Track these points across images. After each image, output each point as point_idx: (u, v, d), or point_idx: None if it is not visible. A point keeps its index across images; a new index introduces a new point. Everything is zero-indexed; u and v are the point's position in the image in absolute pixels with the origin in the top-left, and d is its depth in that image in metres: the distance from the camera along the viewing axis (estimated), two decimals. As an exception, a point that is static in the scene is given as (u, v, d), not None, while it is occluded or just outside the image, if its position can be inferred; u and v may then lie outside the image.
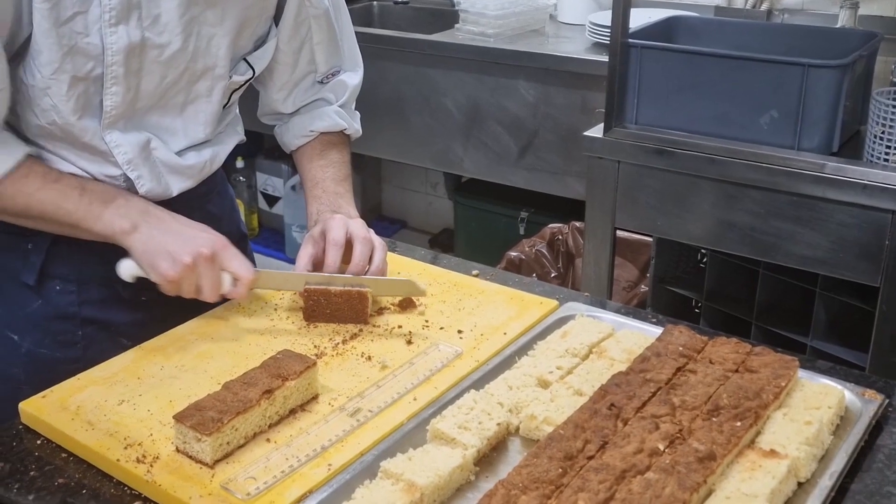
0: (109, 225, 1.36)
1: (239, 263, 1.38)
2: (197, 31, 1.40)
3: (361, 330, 1.43)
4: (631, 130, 2.28)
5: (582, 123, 2.65)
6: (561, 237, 2.98)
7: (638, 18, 2.45)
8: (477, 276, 1.61)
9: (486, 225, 3.50)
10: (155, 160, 1.45)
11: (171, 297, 1.38)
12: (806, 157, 2.07)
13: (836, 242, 2.05)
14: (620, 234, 2.51)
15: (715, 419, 1.12)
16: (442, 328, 1.43)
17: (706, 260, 2.40)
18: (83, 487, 1.12)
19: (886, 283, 2.01)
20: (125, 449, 1.15)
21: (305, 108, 1.69)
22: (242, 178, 4.08)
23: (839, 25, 2.50)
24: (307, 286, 1.43)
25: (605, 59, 2.43)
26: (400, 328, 1.43)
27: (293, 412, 1.22)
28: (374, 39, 3.16)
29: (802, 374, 1.25)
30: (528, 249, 2.98)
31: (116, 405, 1.23)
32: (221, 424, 1.12)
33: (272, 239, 4.15)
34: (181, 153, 1.49)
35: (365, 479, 1.08)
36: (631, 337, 1.35)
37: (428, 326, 1.43)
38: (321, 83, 1.67)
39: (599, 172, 2.33)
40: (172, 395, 1.25)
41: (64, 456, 1.18)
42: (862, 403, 1.20)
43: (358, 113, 1.73)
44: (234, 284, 1.39)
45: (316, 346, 1.38)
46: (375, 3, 3.82)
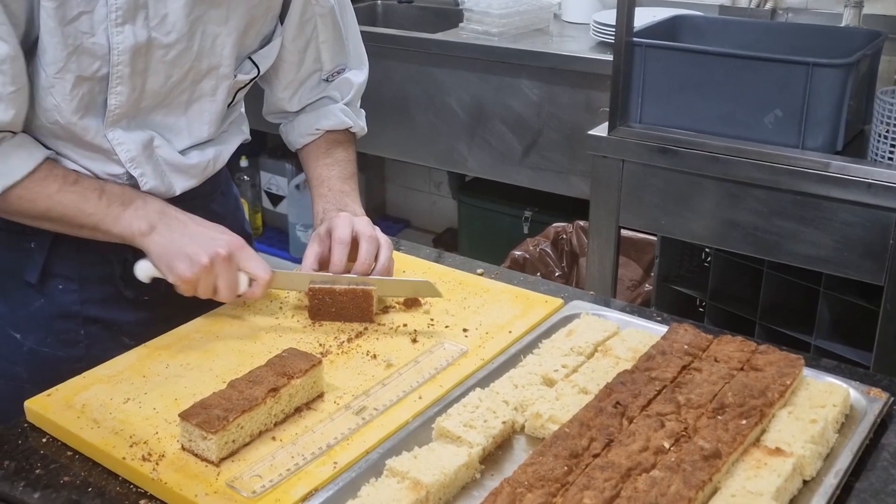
0: (128, 226, 1.37)
1: (256, 264, 1.39)
2: (202, 30, 1.40)
3: (367, 328, 1.43)
4: (635, 129, 2.28)
5: (586, 122, 2.65)
6: (565, 236, 2.98)
7: (642, 17, 2.45)
8: (482, 274, 1.61)
9: (489, 224, 3.50)
10: (158, 158, 1.45)
11: (173, 296, 1.38)
12: (810, 156, 2.07)
13: (840, 241, 2.05)
14: (625, 233, 2.51)
15: (720, 417, 1.12)
16: (447, 327, 1.43)
17: (710, 259, 2.40)
18: (89, 485, 1.12)
19: (890, 281, 2.00)
20: (131, 447, 1.15)
21: (311, 106, 1.68)
22: (246, 177, 4.08)
23: (843, 24, 2.50)
24: (312, 285, 1.43)
25: (609, 58, 2.42)
26: (405, 326, 1.43)
27: (298, 410, 1.22)
28: (378, 38, 3.16)
29: (807, 372, 1.25)
30: (532, 249, 2.98)
31: (122, 403, 1.24)
32: (227, 422, 1.12)
33: (276, 238, 4.15)
34: (185, 152, 1.49)
35: (370, 477, 1.08)
36: (636, 335, 1.35)
37: (433, 325, 1.43)
38: (326, 81, 1.67)
39: (604, 171, 2.33)
40: (178, 393, 1.26)
41: (69, 454, 1.18)
42: (867, 402, 1.20)
43: (363, 111, 1.73)
44: (250, 285, 1.39)
45: (321, 344, 1.38)
46: (380, 2, 3.82)
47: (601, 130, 2.32)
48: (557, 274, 2.95)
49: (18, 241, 1.45)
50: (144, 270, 1.39)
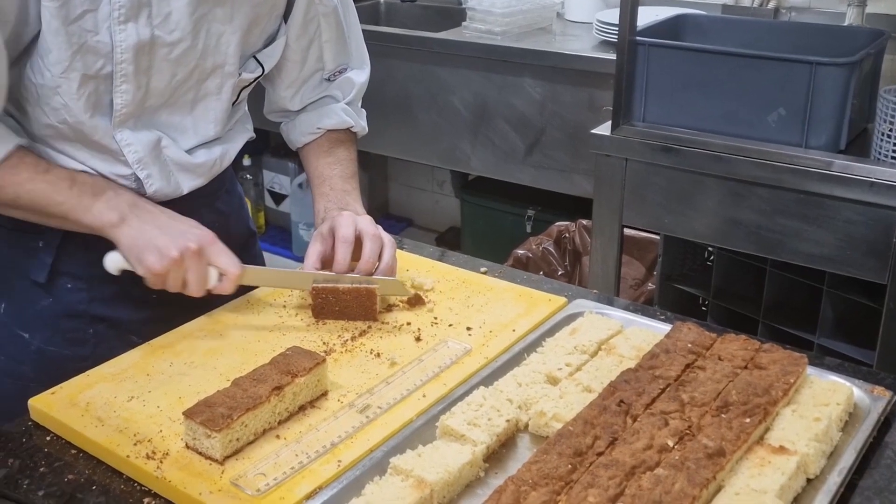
0: (98, 217, 1.36)
1: (226, 259, 1.39)
2: (206, 28, 1.40)
3: (370, 327, 1.43)
4: (638, 128, 2.28)
5: (589, 121, 2.65)
6: (568, 235, 2.98)
7: (645, 16, 2.45)
8: (485, 273, 1.61)
9: (492, 223, 3.50)
10: (165, 159, 1.45)
11: (181, 294, 1.38)
12: (813, 154, 2.07)
13: (843, 240, 2.05)
14: (628, 231, 2.51)
15: (724, 415, 1.12)
16: (451, 325, 1.43)
17: (713, 257, 2.39)
18: (93, 484, 1.12)
19: (894, 280, 2.00)
20: (135, 445, 1.15)
21: (312, 105, 1.69)
22: (249, 175, 4.08)
23: (846, 23, 2.50)
24: (315, 284, 1.43)
25: (612, 56, 2.43)
26: (409, 325, 1.43)
27: (302, 409, 1.22)
28: (381, 37, 3.17)
29: (811, 370, 1.25)
30: (535, 247, 2.98)
31: (126, 402, 1.24)
32: (231, 421, 1.12)
33: (279, 237, 4.15)
34: (191, 151, 1.49)
35: (374, 475, 1.08)
36: (639, 334, 1.35)
37: (437, 323, 1.43)
38: (328, 80, 1.67)
39: (607, 170, 2.33)
40: (182, 391, 1.26)
41: (73, 452, 1.18)
42: (870, 400, 1.20)
43: (364, 111, 1.73)
44: (220, 279, 1.39)
45: (325, 342, 1.38)
46: (382, 0, 3.82)
47: (604, 129, 2.32)
48: (560, 273, 2.95)
49: (26, 240, 1.45)
50: (114, 262, 1.38)
